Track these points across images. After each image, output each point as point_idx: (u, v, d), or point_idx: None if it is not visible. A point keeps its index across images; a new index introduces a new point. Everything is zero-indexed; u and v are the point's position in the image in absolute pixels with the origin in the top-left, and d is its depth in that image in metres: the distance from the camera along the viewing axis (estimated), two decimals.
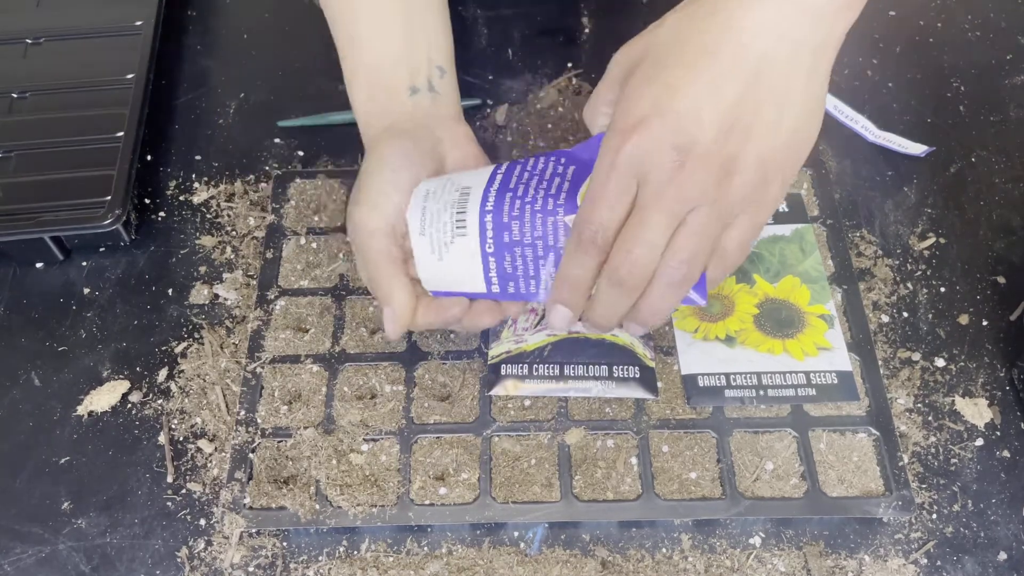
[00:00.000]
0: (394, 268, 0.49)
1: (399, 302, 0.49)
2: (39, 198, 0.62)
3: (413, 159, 0.51)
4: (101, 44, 0.71)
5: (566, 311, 0.47)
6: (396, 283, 0.49)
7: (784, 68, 0.42)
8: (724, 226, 0.44)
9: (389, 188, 0.50)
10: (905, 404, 0.56)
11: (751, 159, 0.42)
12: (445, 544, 0.52)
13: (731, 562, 0.51)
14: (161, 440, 0.56)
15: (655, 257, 0.43)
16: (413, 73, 0.55)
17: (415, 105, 0.54)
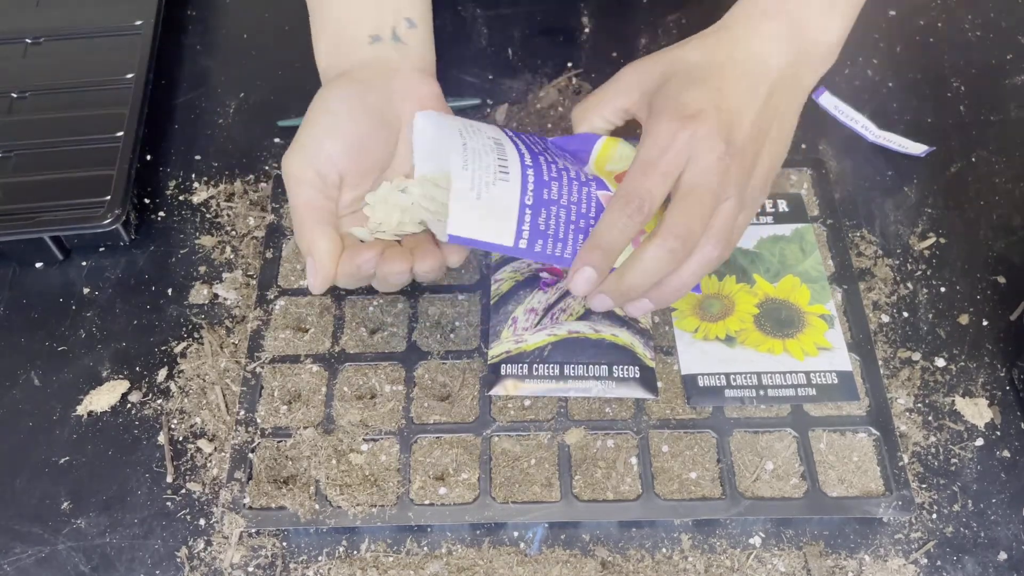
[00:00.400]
0: (318, 216, 0.48)
1: (322, 251, 0.47)
2: (39, 198, 0.62)
3: (356, 108, 0.50)
4: (101, 44, 0.71)
5: (592, 273, 0.46)
6: (319, 232, 0.48)
7: (788, 91, 0.50)
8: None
9: (322, 135, 0.49)
10: (905, 404, 0.56)
11: (764, 163, 0.49)
12: (445, 544, 0.52)
13: (731, 562, 0.51)
14: (161, 440, 0.56)
15: (702, 231, 0.46)
16: (378, 23, 0.53)
17: (375, 55, 0.53)
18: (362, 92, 0.51)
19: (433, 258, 0.49)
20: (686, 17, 0.75)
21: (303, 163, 0.49)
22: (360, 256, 0.48)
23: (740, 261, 0.60)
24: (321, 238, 0.47)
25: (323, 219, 0.48)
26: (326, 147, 0.49)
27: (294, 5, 0.78)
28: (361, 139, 0.50)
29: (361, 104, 0.50)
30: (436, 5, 0.77)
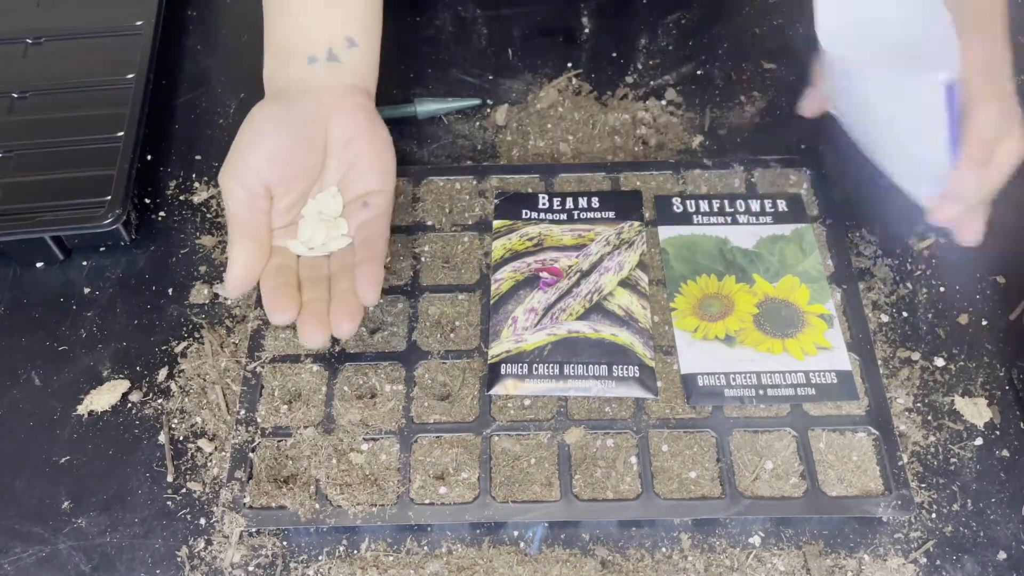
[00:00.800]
0: (241, 228, 0.52)
1: (236, 260, 0.51)
2: (39, 198, 0.62)
3: (279, 123, 0.53)
4: (101, 44, 0.71)
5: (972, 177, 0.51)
6: (237, 243, 0.52)
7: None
8: None
9: (246, 149, 0.53)
10: (905, 404, 0.56)
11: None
12: (445, 543, 0.52)
13: (731, 561, 0.51)
14: (161, 440, 0.56)
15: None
16: (317, 43, 0.56)
17: (309, 74, 0.55)
18: (286, 108, 0.54)
19: (351, 317, 0.51)
20: (686, 17, 0.75)
21: (230, 177, 0.53)
22: (276, 312, 0.50)
23: (739, 261, 0.60)
24: (238, 248, 0.52)
25: (245, 231, 0.52)
26: (249, 161, 0.53)
27: None
28: (282, 151, 0.54)
29: (284, 118, 0.54)
30: (436, 5, 0.77)
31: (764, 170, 0.65)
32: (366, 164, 0.55)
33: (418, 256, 0.61)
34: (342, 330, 0.50)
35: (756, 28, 0.75)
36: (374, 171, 0.55)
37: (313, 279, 0.53)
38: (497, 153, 0.68)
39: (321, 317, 0.51)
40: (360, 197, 0.55)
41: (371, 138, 0.55)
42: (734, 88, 0.71)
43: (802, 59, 0.73)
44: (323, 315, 0.51)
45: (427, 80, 0.72)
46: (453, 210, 0.63)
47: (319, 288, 0.52)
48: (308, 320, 0.50)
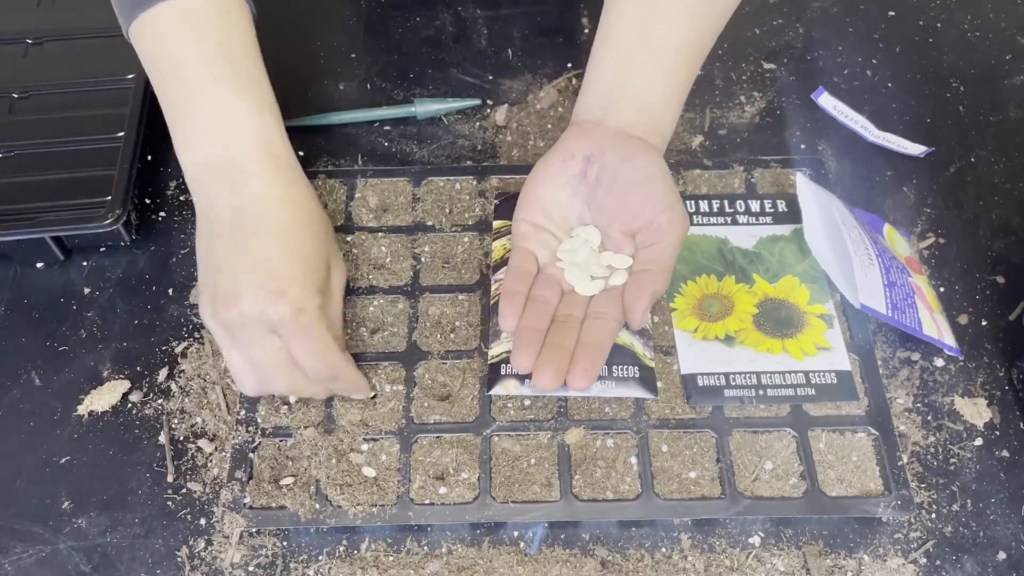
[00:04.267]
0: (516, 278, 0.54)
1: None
2: (40, 198, 0.62)
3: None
4: (101, 44, 0.71)
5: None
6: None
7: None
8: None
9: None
10: (904, 404, 0.56)
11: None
12: (445, 543, 0.52)
13: (730, 561, 0.51)
14: (161, 440, 0.56)
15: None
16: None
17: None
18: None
19: (586, 376, 0.50)
20: None
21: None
22: (517, 362, 0.51)
23: (739, 261, 0.60)
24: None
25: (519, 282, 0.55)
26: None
27: (294, 5, 0.78)
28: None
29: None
30: (437, 5, 0.77)
31: (764, 170, 0.65)
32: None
33: (418, 256, 0.61)
34: (576, 385, 0.50)
35: (756, 28, 0.75)
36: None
37: (566, 322, 0.53)
38: (497, 153, 0.68)
39: (561, 364, 0.50)
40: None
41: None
42: (734, 88, 0.71)
43: (802, 59, 0.73)
44: (564, 362, 0.50)
45: (427, 80, 0.73)
46: (453, 210, 0.63)
47: (568, 334, 0.52)
48: (545, 366, 0.50)
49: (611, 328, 0.52)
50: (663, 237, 0.53)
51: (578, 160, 0.54)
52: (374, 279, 0.60)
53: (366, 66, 0.74)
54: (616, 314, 0.53)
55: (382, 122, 0.70)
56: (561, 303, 0.54)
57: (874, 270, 0.55)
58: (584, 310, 0.53)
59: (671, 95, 0.55)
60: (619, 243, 0.55)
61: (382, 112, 0.70)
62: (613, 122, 0.55)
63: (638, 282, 0.53)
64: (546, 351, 0.50)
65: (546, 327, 0.52)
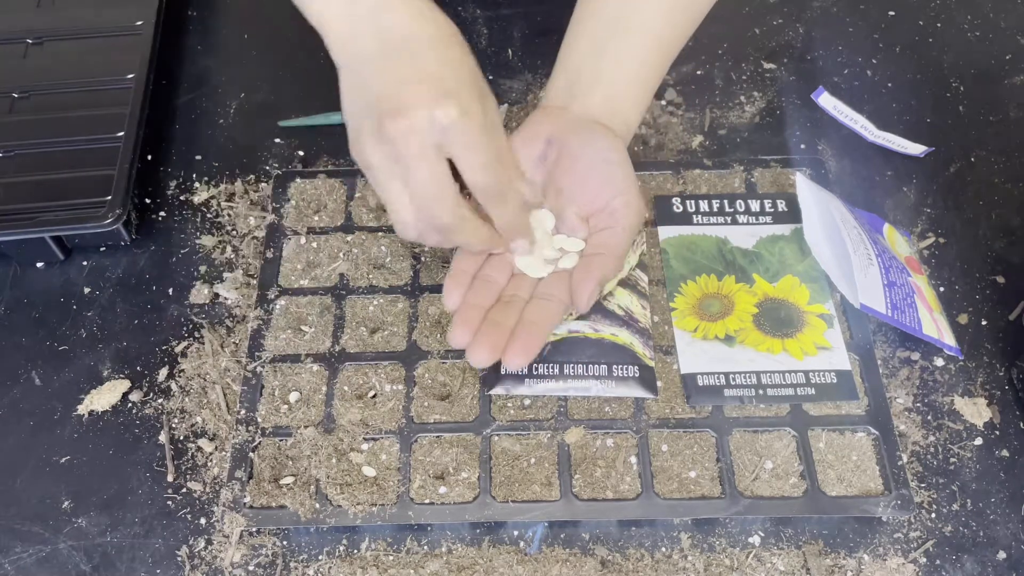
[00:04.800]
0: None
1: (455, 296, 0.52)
2: (40, 198, 0.62)
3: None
4: (101, 44, 0.71)
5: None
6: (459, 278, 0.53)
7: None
8: None
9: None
10: (904, 403, 0.56)
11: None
12: (445, 543, 0.52)
13: (730, 561, 0.51)
14: (161, 439, 0.56)
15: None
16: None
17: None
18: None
19: (525, 352, 0.50)
20: None
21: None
22: (455, 335, 0.50)
23: (739, 261, 0.60)
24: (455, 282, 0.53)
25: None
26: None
27: (294, 6, 0.78)
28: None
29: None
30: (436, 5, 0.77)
31: (764, 170, 0.65)
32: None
33: (418, 256, 0.61)
34: (510, 363, 0.50)
35: (756, 28, 0.75)
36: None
37: (510, 302, 0.53)
38: None
39: (497, 340, 0.50)
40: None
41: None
42: (734, 88, 0.71)
43: (802, 59, 0.73)
44: (500, 339, 0.50)
45: None
46: None
47: (510, 312, 0.52)
48: (481, 341, 0.50)
49: (554, 309, 0.52)
50: (617, 221, 0.53)
51: (539, 142, 0.54)
52: (374, 279, 0.60)
53: None
54: (562, 296, 0.52)
55: None
56: (508, 284, 0.54)
57: (873, 270, 0.55)
58: (531, 292, 0.53)
59: (640, 87, 0.56)
60: (573, 226, 0.54)
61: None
62: (579, 108, 0.55)
63: (587, 265, 0.53)
64: (484, 327, 0.50)
65: (488, 305, 0.52)
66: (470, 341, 0.50)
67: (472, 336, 0.50)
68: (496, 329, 0.50)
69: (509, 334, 0.50)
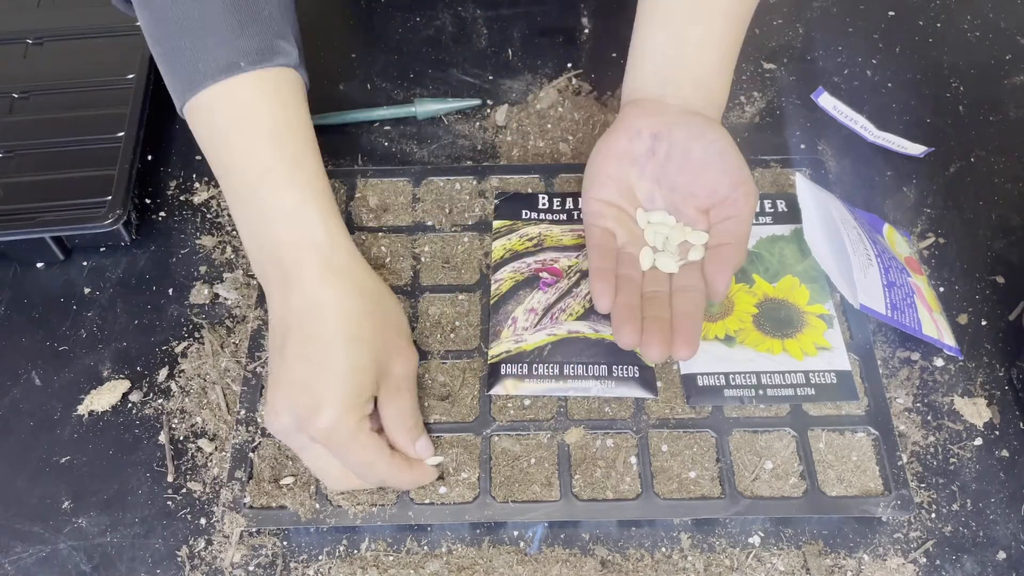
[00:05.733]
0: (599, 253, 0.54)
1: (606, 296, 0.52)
2: (40, 198, 0.62)
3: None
4: (101, 44, 0.71)
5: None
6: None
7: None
8: None
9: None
10: (904, 404, 0.56)
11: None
12: (445, 543, 0.52)
13: (730, 561, 0.51)
14: (161, 439, 0.56)
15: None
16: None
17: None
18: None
19: (688, 344, 0.50)
20: None
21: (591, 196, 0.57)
22: (624, 336, 0.51)
23: None
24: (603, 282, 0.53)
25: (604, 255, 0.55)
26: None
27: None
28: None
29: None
30: (437, 5, 0.77)
31: (764, 170, 0.65)
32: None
33: (418, 256, 0.61)
34: (681, 355, 0.50)
35: (756, 28, 0.75)
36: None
37: (655, 297, 0.53)
38: (497, 153, 0.68)
39: (665, 335, 0.50)
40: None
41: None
42: (734, 88, 0.71)
43: (802, 59, 0.73)
44: (667, 333, 0.50)
45: (427, 80, 0.73)
46: (453, 210, 0.63)
47: (663, 307, 0.52)
48: (651, 339, 0.50)
49: (699, 300, 0.52)
50: (739, 210, 0.53)
51: (645, 138, 0.55)
52: None
53: (366, 66, 0.74)
54: (700, 286, 0.53)
55: (382, 122, 0.70)
56: (645, 281, 0.54)
57: (873, 270, 0.55)
58: (668, 286, 0.54)
59: (724, 67, 0.56)
60: (693, 219, 0.55)
61: (382, 112, 0.70)
62: (672, 98, 0.55)
63: (719, 255, 0.53)
64: (648, 324, 0.51)
65: (639, 303, 0.52)
66: (639, 340, 0.50)
67: (638, 335, 0.50)
68: (659, 324, 0.51)
69: (670, 327, 0.51)
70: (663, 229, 0.55)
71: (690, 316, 0.51)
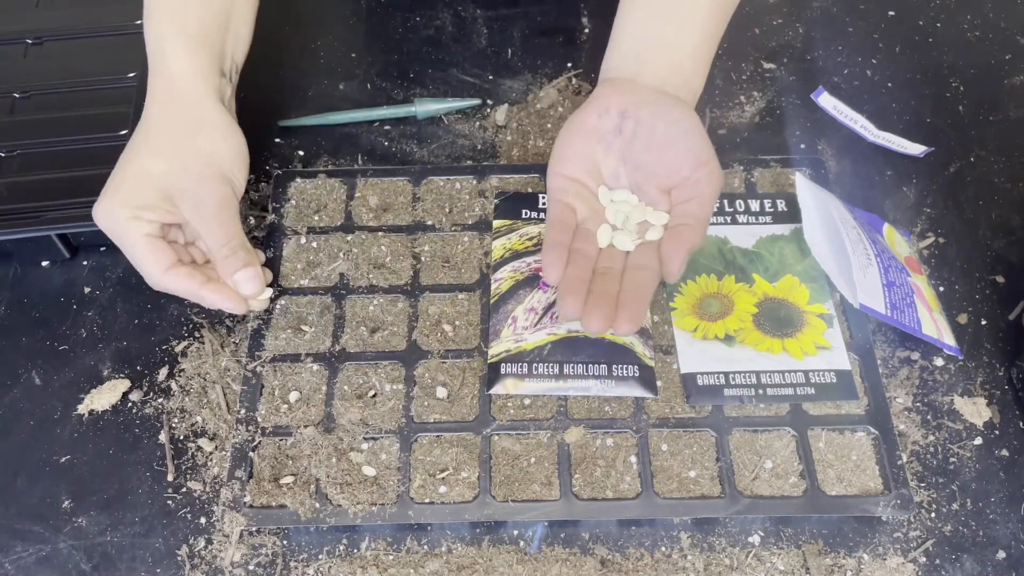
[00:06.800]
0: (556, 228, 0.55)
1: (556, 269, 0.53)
2: (44, 196, 0.62)
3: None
4: (102, 43, 0.71)
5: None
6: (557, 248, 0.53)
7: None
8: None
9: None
10: (904, 403, 0.56)
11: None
12: (445, 542, 0.52)
13: (730, 560, 0.51)
14: (161, 439, 0.56)
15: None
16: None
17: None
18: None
19: (632, 320, 0.51)
20: None
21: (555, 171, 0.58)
22: (565, 305, 0.52)
23: (739, 260, 0.60)
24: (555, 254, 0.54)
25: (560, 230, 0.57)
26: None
27: (294, 5, 0.78)
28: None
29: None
30: (437, 5, 0.77)
31: (764, 170, 0.65)
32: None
33: (418, 256, 0.61)
34: (622, 329, 0.50)
35: (756, 28, 0.75)
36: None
37: (607, 273, 0.53)
38: (497, 153, 0.68)
39: (608, 309, 0.51)
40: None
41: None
42: (734, 88, 0.72)
43: (802, 59, 0.74)
44: (611, 308, 0.51)
45: (427, 80, 0.73)
46: (453, 210, 0.63)
47: (611, 283, 0.53)
48: (593, 311, 0.50)
49: (651, 279, 0.53)
50: (701, 191, 0.53)
51: (613, 115, 0.55)
52: (374, 279, 0.60)
53: (366, 66, 0.74)
54: (655, 265, 0.53)
55: (382, 122, 0.70)
56: (600, 257, 0.54)
57: (873, 270, 0.55)
58: (623, 263, 0.54)
59: (703, 52, 0.56)
60: (655, 199, 0.55)
61: (382, 112, 0.70)
62: (647, 78, 0.55)
63: (676, 235, 0.53)
64: (593, 297, 0.51)
65: (589, 277, 0.53)
66: (581, 311, 0.50)
67: (581, 307, 0.50)
68: (604, 298, 0.51)
69: (615, 303, 0.51)
70: (624, 208, 0.55)
71: (637, 293, 0.51)
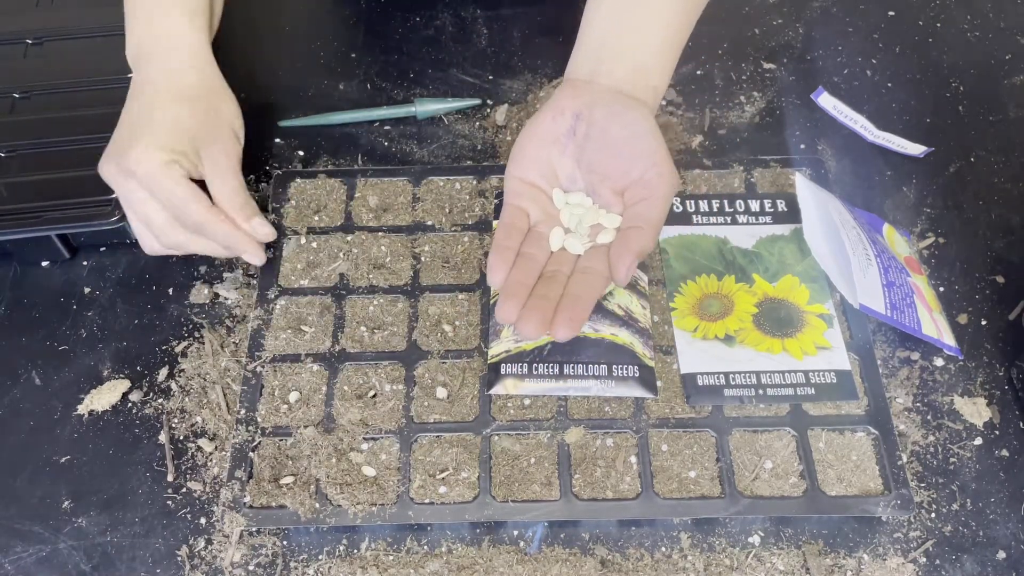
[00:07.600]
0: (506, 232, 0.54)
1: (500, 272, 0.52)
2: (44, 197, 0.62)
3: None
4: (102, 43, 0.71)
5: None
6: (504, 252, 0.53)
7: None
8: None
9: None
10: (904, 403, 0.56)
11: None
12: (445, 543, 0.52)
13: (730, 561, 0.51)
14: (161, 439, 0.56)
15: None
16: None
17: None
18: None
19: (570, 325, 0.50)
20: None
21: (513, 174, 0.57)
22: (503, 312, 0.51)
23: (739, 261, 0.60)
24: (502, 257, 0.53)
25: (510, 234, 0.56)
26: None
27: (294, 5, 0.78)
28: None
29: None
30: (437, 5, 0.77)
31: (764, 170, 0.65)
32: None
33: (418, 256, 0.61)
34: (558, 335, 0.49)
35: (756, 28, 0.75)
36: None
37: (553, 277, 0.53)
38: (497, 153, 0.68)
39: (545, 313, 0.50)
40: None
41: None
42: (734, 88, 0.72)
43: (802, 59, 0.74)
44: (548, 312, 0.50)
45: (427, 80, 0.73)
46: (453, 210, 0.63)
47: (555, 287, 0.52)
48: (529, 315, 0.50)
49: (597, 282, 0.52)
50: (652, 192, 0.52)
51: (567, 117, 0.54)
52: (374, 279, 0.60)
53: (366, 66, 0.74)
54: (603, 269, 0.52)
55: (382, 122, 0.70)
56: (550, 261, 0.54)
57: (872, 270, 0.55)
58: (572, 267, 0.53)
59: (665, 53, 0.56)
60: (608, 201, 0.54)
61: (382, 112, 0.70)
62: (604, 79, 0.55)
63: (625, 238, 0.52)
64: (531, 301, 0.50)
65: (533, 282, 0.52)
66: (518, 316, 0.50)
67: (519, 311, 0.50)
68: (543, 302, 0.50)
69: (555, 307, 0.50)
70: (578, 210, 0.55)
71: (579, 298, 0.51)
